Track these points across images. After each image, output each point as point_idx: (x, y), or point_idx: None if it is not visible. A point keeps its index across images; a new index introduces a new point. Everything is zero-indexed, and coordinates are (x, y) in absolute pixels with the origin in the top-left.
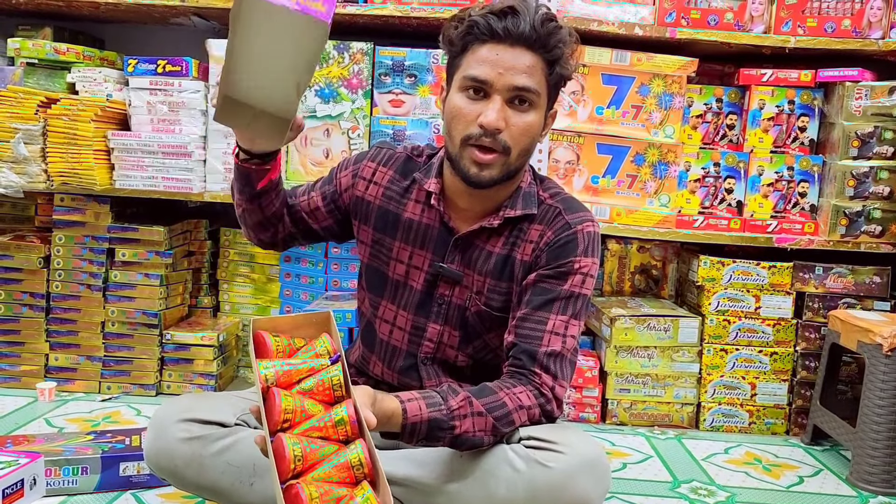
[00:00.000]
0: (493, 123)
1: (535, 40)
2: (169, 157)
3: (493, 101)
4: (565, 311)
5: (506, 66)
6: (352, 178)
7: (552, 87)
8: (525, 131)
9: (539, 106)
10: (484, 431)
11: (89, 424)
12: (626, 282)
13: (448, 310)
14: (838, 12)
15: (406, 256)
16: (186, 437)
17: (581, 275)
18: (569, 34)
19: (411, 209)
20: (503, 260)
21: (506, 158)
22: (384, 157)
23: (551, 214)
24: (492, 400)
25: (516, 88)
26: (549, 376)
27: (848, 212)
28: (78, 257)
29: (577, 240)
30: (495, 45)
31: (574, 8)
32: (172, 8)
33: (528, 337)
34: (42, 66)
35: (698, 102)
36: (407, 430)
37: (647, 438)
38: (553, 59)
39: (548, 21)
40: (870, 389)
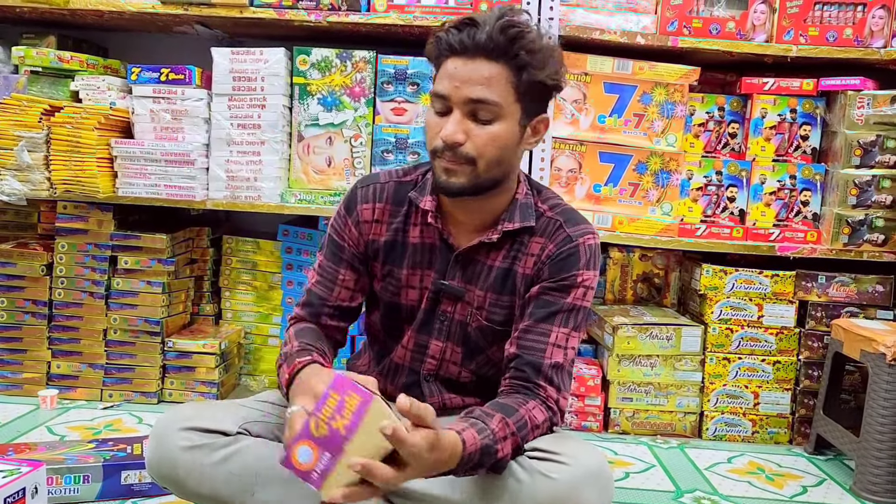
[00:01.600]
0: (449, 137)
1: (493, 49)
2: (172, 164)
3: (453, 115)
4: (567, 323)
5: (462, 79)
6: (357, 230)
7: (524, 95)
8: (489, 142)
9: (505, 116)
10: (510, 454)
11: (91, 432)
12: (628, 290)
13: (450, 326)
14: (840, 21)
15: (417, 280)
16: (188, 446)
17: (583, 287)
18: (538, 37)
19: (414, 233)
20: (504, 274)
21: (472, 168)
22: (374, 193)
23: (552, 227)
24: (517, 419)
25: (471, 101)
26: (553, 388)
27: (850, 220)
28: (80, 265)
29: (578, 253)
30: (455, 59)
31: (576, 17)
32: (176, 16)
33: (531, 349)
34: (46, 75)
35: (700, 111)
36: (463, 461)
37: (649, 447)
38: (519, 65)
39: (508, 28)
40: (873, 399)
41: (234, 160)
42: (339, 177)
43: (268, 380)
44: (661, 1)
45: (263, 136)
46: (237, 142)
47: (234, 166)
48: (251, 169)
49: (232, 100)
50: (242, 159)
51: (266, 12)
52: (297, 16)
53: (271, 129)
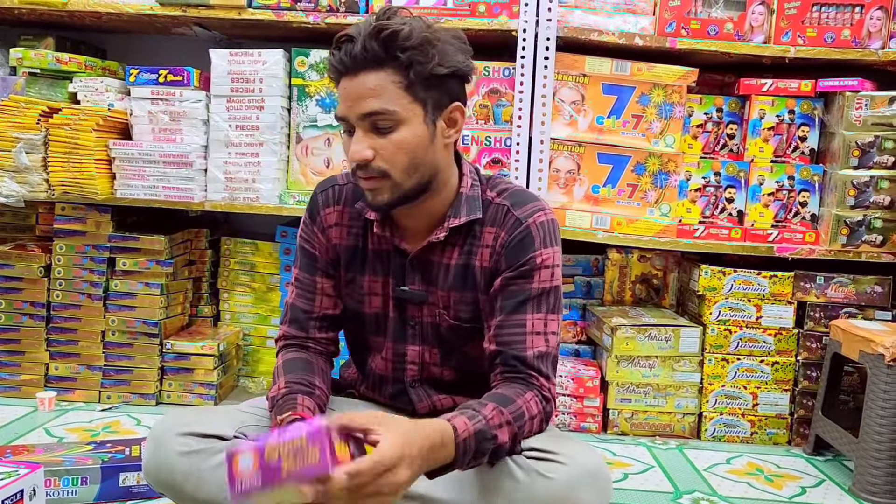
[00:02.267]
0: (355, 156)
1: (371, 58)
2: (170, 166)
3: (356, 135)
4: (540, 308)
5: (353, 96)
6: (323, 236)
7: (423, 92)
8: (396, 151)
9: (405, 120)
10: (509, 442)
11: (89, 434)
12: (626, 291)
13: (422, 329)
14: (838, 22)
15: (379, 287)
16: (185, 451)
17: (546, 268)
18: (414, 30)
19: (372, 240)
20: (462, 269)
21: (389, 181)
22: (333, 196)
23: (501, 214)
24: (514, 409)
25: (365, 115)
26: (543, 378)
27: (849, 221)
28: (78, 266)
29: (531, 234)
30: (344, 80)
31: (574, 18)
32: (174, 18)
33: (511, 343)
34: (44, 76)
35: (698, 112)
36: (460, 449)
37: (648, 448)
38: (403, 65)
39: (380, 32)
40: (872, 400)
41: (233, 162)
42: None
43: (266, 381)
44: (660, 2)
45: (262, 137)
46: (235, 143)
47: (232, 168)
48: (249, 170)
49: (230, 101)
50: (241, 161)
51: (264, 14)
52: (296, 17)
53: (270, 130)
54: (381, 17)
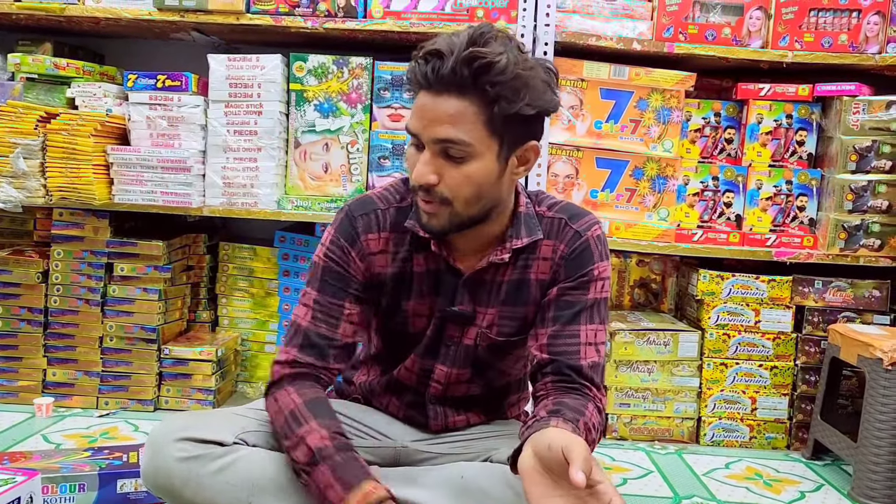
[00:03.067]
0: (420, 179)
1: (459, 83)
2: (168, 171)
3: (423, 154)
4: (593, 319)
5: (429, 117)
6: (362, 262)
7: (498, 128)
8: (462, 183)
9: (478, 154)
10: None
11: (87, 441)
12: (625, 296)
13: (457, 351)
14: (835, 27)
15: (426, 309)
16: (184, 457)
17: (601, 280)
18: (507, 65)
19: (419, 261)
20: (517, 285)
21: (449, 209)
22: (377, 222)
23: (557, 227)
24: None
25: (440, 140)
26: (595, 389)
27: (847, 225)
28: (76, 272)
29: (590, 247)
30: (424, 94)
31: (572, 23)
32: (172, 23)
33: (565, 353)
34: (42, 81)
35: (696, 117)
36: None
37: (647, 453)
38: (490, 99)
39: (474, 60)
40: (870, 404)
41: (231, 167)
42: (336, 183)
43: (265, 386)
44: (657, 7)
45: (260, 142)
46: (234, 148)
47: (230, 173)
48: (248, 175)
49: (228, 106)
50: (239, 166)
51: (262, 19)
52: (294, 22)
53: (268, 135)
54: (477, 39)
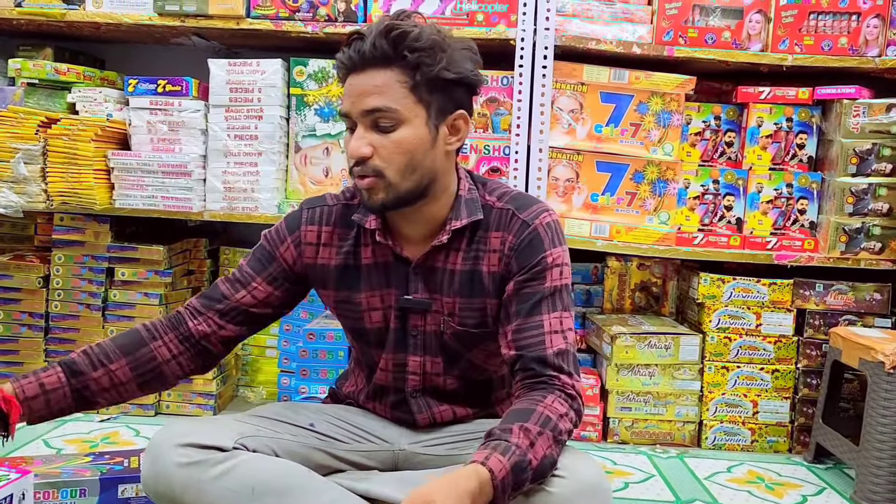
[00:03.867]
0: (353, 152)
1: (379, 56)
2: (169, 176)
3: (357, 131)
4: (555, 307)
5: (357, 92)
6: (295, 249)
7: (427, 94)
8: (395, 150)
9: (407, 120)
10: (551, 448)
11: (88, 445)
12: (626, 299)
13: (424, 339)
14: (835, 30)
15: (378, 302)
16: (184, 463)
17: (556, 267)
18: (422, 33)
19: (366, 254)
20: (469, 275)
21: (385, 181)
22: (320, 215)
23: (506, 218)
24: (537, 417)
25: (367, 112)
26: (565, 376)
27: (847, 228)
28: (77, 277)
29: (539, 235)
30: (351, 76)
31: (572, 27)
32: (173, 28)
33: (530, 346)
34: (43, 87)
35: (697, 120)
36: (499, 489)
37: (648, 457)
38: (411, 66)
39: (390, 31)
40: (872, 408)
41: (232, 171)
42: (337, 187)
43: (265, 391)
44: (657, 11)
45: (260, 147)
46: (234, 153)
47: (231, 177)
48: (248, 180)
49: (229, 111)
50: (240, 170)
51: (263, 24)
52: (294, 27)
53: (268, 140)
54: (393, 18)
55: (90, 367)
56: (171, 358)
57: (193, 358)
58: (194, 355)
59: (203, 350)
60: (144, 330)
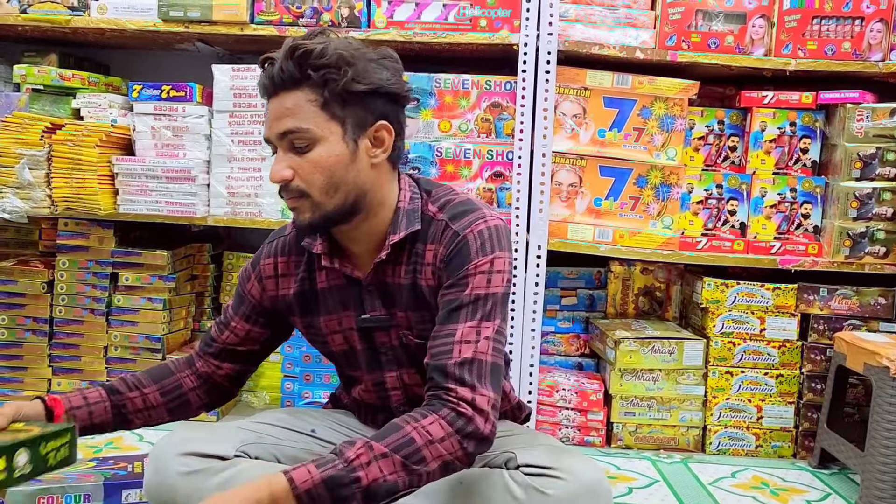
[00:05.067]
0: (274, 175)
1: (288, 79)
2: (173, 181)
3: (277, 155)
4: (474, 315)
5: (273, 116)
6: (259, 284)
7: (340, 109)
8: (313, 170)
9: (321, 138)
10: (395, 474)
11: (92, 451)
12: (629, 304)
13: (395, 354)
14: (838, 35)
15: (336, 325)
16: (186, 472)
17: (482, 274)
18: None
19: (321, 278)
20: (411, 289)
21: (308, 200)
22: (277, 247)
23: (440, 230)
24: (396, 438)
25: (282, 134)
26: (465, 389)
27: (851, 233)
28: (81, 282)
29: (468, 244)
30: (269, 101)
31: (575, 32)
32: (177, 34)
33: (438, 354)
34: (47, 92)
35: (700, 125)
36: (304, 499)
37: (652, 462)
38: (317, 83)
39: (294, 52)
40: (877, 413)
41: (235, 176)
42: None
43: (269, 396)
44: (660, 16)
45: (264, 152)
46: (238, 158)
47: (234, 182)
48: (252, 185)
49: (233, 116)
50: (243, 175)
51: (266, 29)
52: (298, 33)
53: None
54: (299, 38)
55: (126, 388)
56: (192, 389)
57: (208, 392)
58: (208, 390)
59: (214, 386)
60: (171, 363)
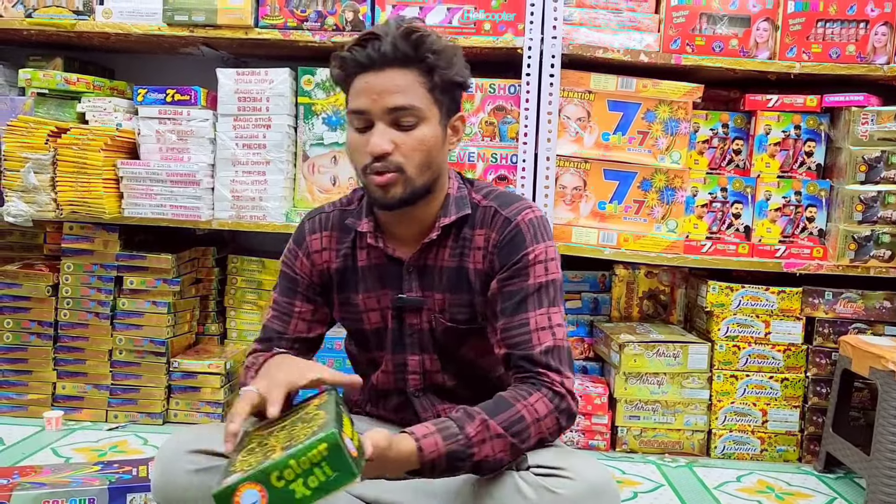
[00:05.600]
0: (377, 149)
1: (400, 57)
2: (177, 185)
3: (377, 128)
4: (541, 303)
5: (378, 90)
6: (307, 260)
7: (439, 95)
8: (416, 147)
9: (426, 119)
10: (504, 452)
11: (96, 454)
12: (634, 307)
13: (421, 337)
14: (843, 38)
15: (375, 303)
16: (195, 469)
17: (539, 263)
18: (438, 39)
19: (362, 257)
20: (456, 272)
21: (404, 176)
22: (320, 223)
23: (489, 216)
24: (509, 416)
25: (392, 109)
26: (554, 373)
27: (856, 236)
28: (86, 285)
29: (521, 232)
30: (366, 75)
31: (580, 36)
32: (181, 38)
33: (518, 344)
34: (52, 97)
35: (704, 128)
36: (426, 467)
37: (657, 466)
38: (428, 67)
39: (410, 34)
40: (883, 416)
41: (240, 180)
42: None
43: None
44: (664, 19)
45: (269, 155)
46: (242, 162)
47: (239, 186)
48: (256, 189)
49: (237, 120)
50: (248, 179)
51: (271, 33)
52: (302, 36)
53: (276, 148)
54: (405, 21)
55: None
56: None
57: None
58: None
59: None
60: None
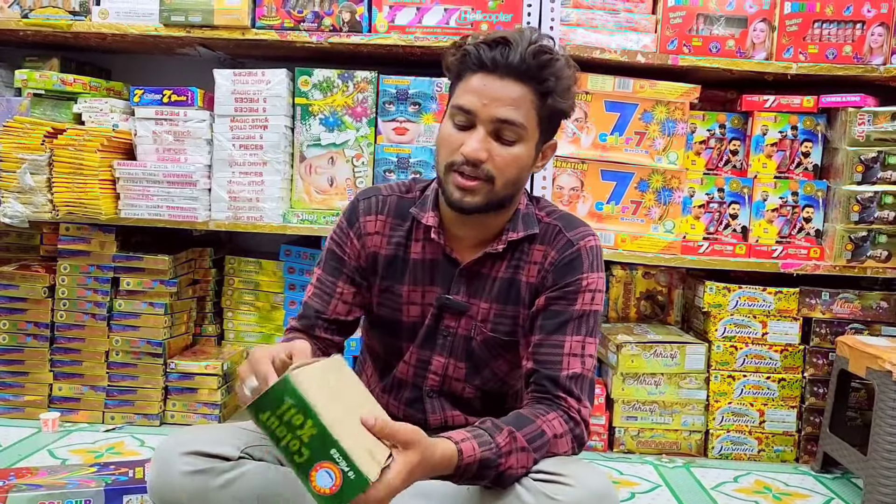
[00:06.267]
0: (472, 154)
1: (524, 72)
2: (174, 185)
3: (477, 132)
4: (579, 331)
5: (491, 96)
6: (358, 241)
7: (544, 120)
8: (510, 163)
9: (526, 139)
10: (524, 467)
11: (93, 456)
12: (631, 308)
13: (454, 342)
14: (839, 39)
15: (419, 297)
16: (191, 471)
17: (590, 292)
18: (566, 66)
19: (416, 249)
20: (508, 284)
21: (490, 187)
22: (376, 205)
23: (552, 233)
24: (532, 430)
25: (499, 120)
26: (573, 399)
27: (853, 237)
28: (83, 286)
29: (581, 257)
30: (485, 76)
31: (577, 36)
32: (178, 39)
33: (547, 362)
34: (49, 97)
35: (701, 128)
36: (459, 470)
37: (655, 467)
38: (545, 91)
39: (541, 53)
40: (880, 417)
41: (237, 181)
42: (342, 197)
43: None
44: (661, 20)
45: (265, 156)
46: (239, 162)
47: (236, 187)
48: (253, 189)
49: (234, 121)
50: (244, 180)
51: (268, 34)
52: (299, 37)
53: (273, 149)
54: (539, 38)
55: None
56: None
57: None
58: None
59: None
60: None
